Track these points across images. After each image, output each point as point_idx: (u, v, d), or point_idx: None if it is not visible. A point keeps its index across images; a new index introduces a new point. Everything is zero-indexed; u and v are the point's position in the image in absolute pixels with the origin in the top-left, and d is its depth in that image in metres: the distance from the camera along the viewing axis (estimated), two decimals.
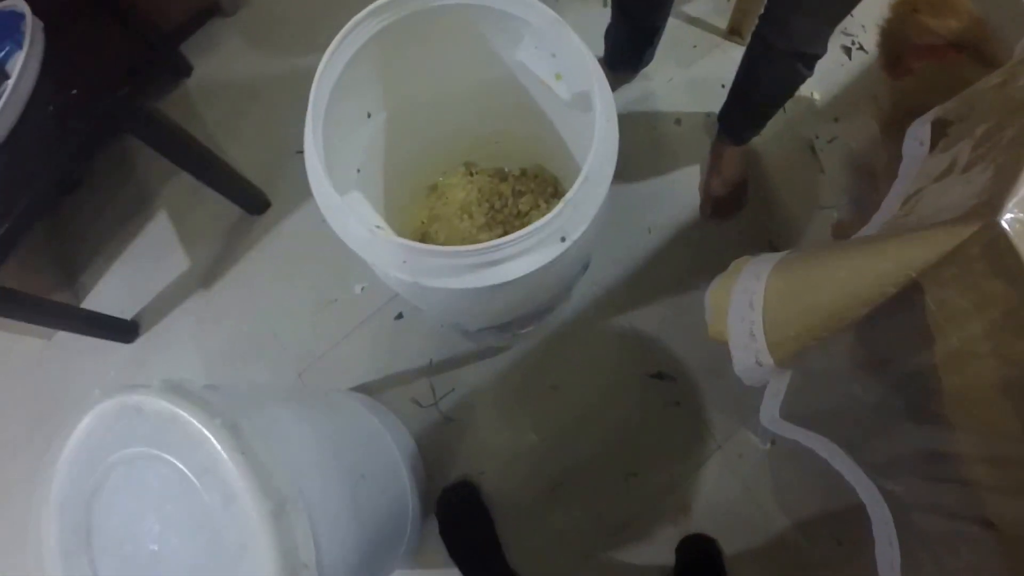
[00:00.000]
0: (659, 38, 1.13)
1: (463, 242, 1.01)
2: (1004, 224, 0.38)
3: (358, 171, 0.81)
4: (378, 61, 0.74)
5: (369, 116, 0.81)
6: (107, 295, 1.33)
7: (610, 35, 1.15)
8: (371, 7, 0.67)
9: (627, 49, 1.17)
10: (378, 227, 0.70)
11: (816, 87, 1.25)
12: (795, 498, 0.99)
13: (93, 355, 1.24)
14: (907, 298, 0.43)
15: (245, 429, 0.53)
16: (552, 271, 0.63)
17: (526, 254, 0.60)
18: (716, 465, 1.02)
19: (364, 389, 1.12)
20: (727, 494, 1.00)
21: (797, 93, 0.95)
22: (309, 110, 0.65)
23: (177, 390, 0.54)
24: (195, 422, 0.52)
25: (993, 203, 0.39)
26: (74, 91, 0.95)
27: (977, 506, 0.45)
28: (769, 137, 1.13)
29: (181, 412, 0.52)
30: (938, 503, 0.50)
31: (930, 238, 0.42)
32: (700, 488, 1.01)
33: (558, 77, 0.70)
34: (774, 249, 0.92)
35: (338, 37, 0.67)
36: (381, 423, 0.94)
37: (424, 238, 1.02)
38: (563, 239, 0.61)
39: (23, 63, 0.91)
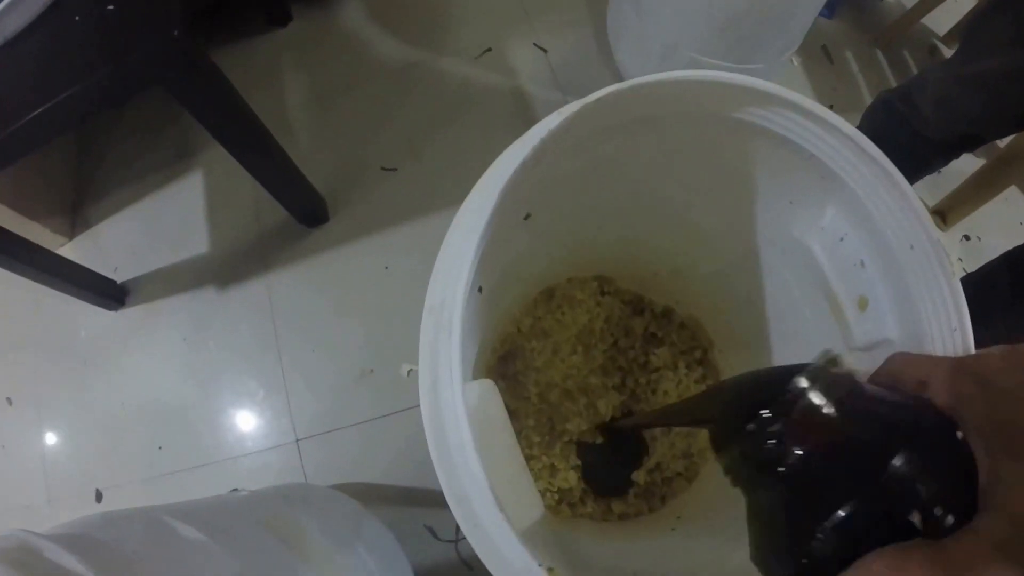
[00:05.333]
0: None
1: (564, 381, 0.75)
2: None
3: (480, 290, 0.56)
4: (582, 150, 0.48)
5: (527, 217, 0.55)
6: (104, 240, 1.08)
7: (878, 119, 0.91)
8: (632, 84, 0.40)
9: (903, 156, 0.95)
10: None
11: None
12: None
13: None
14: None
15: None
16: None
17: None
18: None
19: (370, 490, 0.87)
20: None
21: None
22: (473, 210, 0.38)
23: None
24: None
25: None
26: (111, 6, 0.68)
27: None
28: None
29: None
30: None
31: None
32: None
33: (861, 304, 0.43)
34: None
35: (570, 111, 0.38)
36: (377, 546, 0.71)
37: (513, 351, 0.76)
38: None
39: None
